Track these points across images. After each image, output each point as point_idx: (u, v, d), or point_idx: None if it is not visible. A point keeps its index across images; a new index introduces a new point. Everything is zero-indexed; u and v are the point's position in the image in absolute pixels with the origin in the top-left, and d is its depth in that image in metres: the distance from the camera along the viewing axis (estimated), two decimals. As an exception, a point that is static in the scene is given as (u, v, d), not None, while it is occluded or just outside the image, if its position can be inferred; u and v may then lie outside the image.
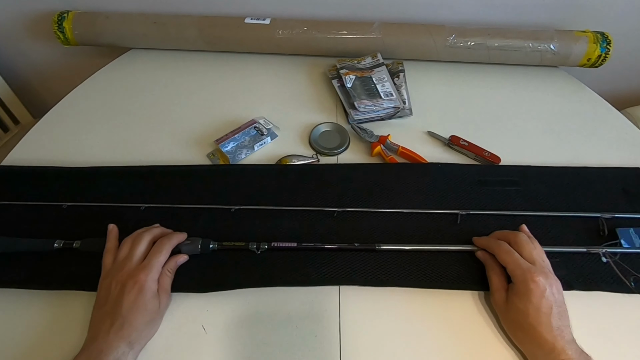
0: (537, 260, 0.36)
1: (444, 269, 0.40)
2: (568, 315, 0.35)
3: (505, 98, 0.62)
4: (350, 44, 0.66)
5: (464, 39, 0.64)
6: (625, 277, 0.39)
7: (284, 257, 0.41)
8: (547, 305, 0.33)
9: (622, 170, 0.50)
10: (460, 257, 0.41)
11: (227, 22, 0.67)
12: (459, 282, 0.39)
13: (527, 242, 0.38)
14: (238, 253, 0.40)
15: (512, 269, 0.36)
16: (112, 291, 0.34)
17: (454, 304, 0.39)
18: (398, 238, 0.43)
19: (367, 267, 0.40)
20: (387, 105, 0.57)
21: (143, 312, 0.34)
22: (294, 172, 0.49)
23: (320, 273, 0.39)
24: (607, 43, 0.62)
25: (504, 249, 0.37)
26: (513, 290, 0.35)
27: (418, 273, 0.40)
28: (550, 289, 0.34)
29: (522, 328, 0.34)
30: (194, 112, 0.59)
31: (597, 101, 0.61)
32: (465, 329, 0.37)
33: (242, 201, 0.45)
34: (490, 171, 0.50)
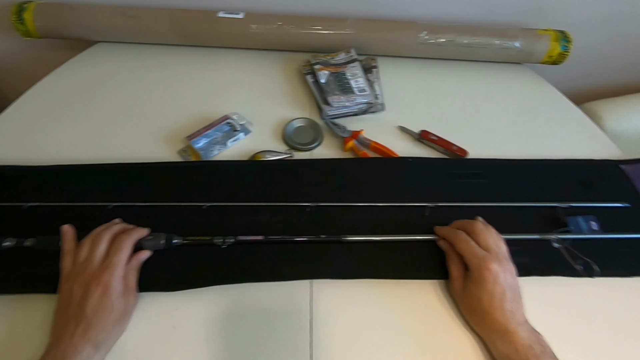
0: (491, 248, 0.38)
1: (410, 259, 0.42)
2: (521, 298, 0.37)
3: (473, 93, 0.64)
4: (324, 40, 0.66)
5: (435, 36, 0.65)
6: (574, 262, 0.41)
7: (251, 252, 0.41)
8: (500, 291, 0.35)
9: (578, 162, 0.53)
10: (426, 247, 0.43)
11: (199, 16, 0.66)
12: (424, 271, 0.41)
13: (483, 230, 0.39)
14: (205, 248, 0.40)
15: (467, 257, 0.38)
16: (74, 294, 0.33)
17: (420, 293, 0.40)
18: (369, 231, 0.43)
19: (337, 260, 0.41)
20: (360, 100, 0.58)
21: (109, 313, 0.33)
22: (267, 168, 0.49)
23: (289, 267, 0.40)
24: (567, 41, 0.65)
25: (461, 238, 0.39)
26: (469, 278, 0.37)
27: (386, 264, 0.41)
28: (503, 274, 0.36)
29: (478, 313, 0.36)
30: (165, 108, 0.58)
31: (558, 97, 0.64)
32: (430, 317, 0.39)
33: (214, 198, 0.45)
34: (458, 165, 0.52)
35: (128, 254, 0.37)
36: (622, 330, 0.39)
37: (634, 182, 0.51)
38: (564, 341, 0.35)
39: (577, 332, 0.39)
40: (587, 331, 0.39)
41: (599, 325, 0.39)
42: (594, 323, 0.40)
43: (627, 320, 0.40)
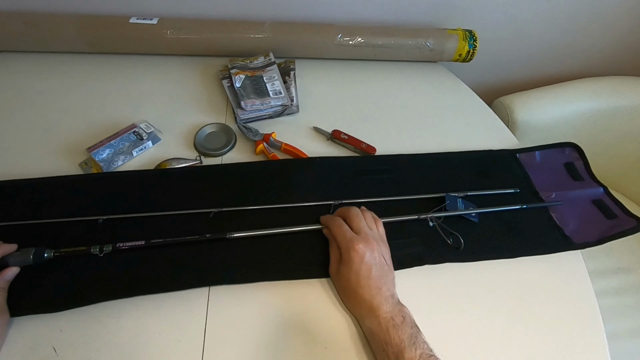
0: (362, 230, 0.39)
1: (303, 256, 0.42)
2: (390, 275, 0.39)
3: (387, 92, 0.66)
4: (242, 44, 0.66)
5: (351, 37, 0.67)
6: (447, 237, 0.44)
7: (137, 262, 0.40)
8: (366, 269, 0.37)
9: (478, 153, 0.56)
10: (318, 242, 0.43)
11: (110, 22, 0.64)
12: (314, 269, 0.42)
13: (356, 214, 0.41)
14: (84, 261, 0.39)
15: (339, 240, 0.39)
16: None
17: (312, 288, 0.41)
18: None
19: (230, 265, 0.41)
20: (274, 103, 0.58)
21: None
22: (172, 176, 0.48)
23: (180, 276, 0.39)
24: (474, 40, 0.69)
25: (336, 222, 0.41)
26: (341, 261, 0.39)
27: (278, 264, 0.41)
28: (371, 253, 0.37)
29: (348, 293, 0.38)
30: (70, 119, 0.55)
31: (468, 93, 0.68)
32: (317, 309, 0.40)
33: (114, 210, 0.43)
34: (366, 161, 0.53)
35: None
36: (489, 305, 0.42)
37: (527, 169, 0.55)
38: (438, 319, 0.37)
39: (450, 311, 0.41)
40: (458, 309, 0.42)
41: (467, 304, 0.42)
42: (463, 302, 0.42)
43: (495, 298, 0.43)
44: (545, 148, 0.58)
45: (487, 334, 0.40)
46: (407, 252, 0.44)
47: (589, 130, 0.78)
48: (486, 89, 0.76)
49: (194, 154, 0.53)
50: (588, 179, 0.55)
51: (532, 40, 0.79)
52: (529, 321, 0.41)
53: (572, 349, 0.40)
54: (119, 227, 0.43)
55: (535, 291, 0.44)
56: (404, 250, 0.44)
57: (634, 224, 0.49)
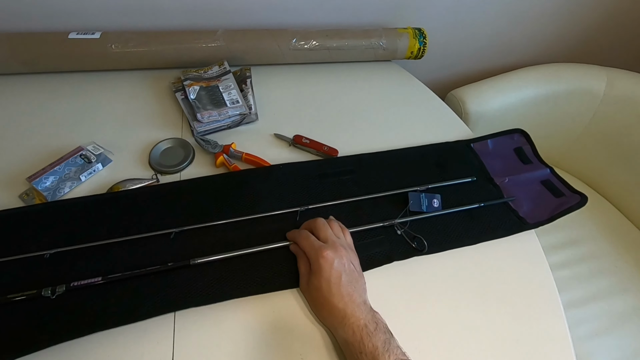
0: (329, 239, 0.40)
1: (272, 270, 0.41)
2: (361, 281, 0.39)
3: (345, 93, 0.67)
4: (195, 54, 0.64)
5: (305, 41, 0.67)
6: (411, 241, 0.46)
7: (95, 297, 0.37)
8: (336, 276, 0.37)
9: (435, 146, 0.58)
10: (285, 256, 0.43)
11: (46, 39, 0.59)
12: (282, 280, 0.41)
13: (323, 224, 0.41)
14: (34, 304, 0.36)
15: (307, 251, 0.39)
16: None
17: (281, 302, 0.40)
18: (239, 247, 0.42)
19: (197, 286, 0.39)
20: (232, 113, 0.57)
21: None
22: (127, 199, 0.46)
23: (142, 305, 0.37)
24: (424, 37, 0.71)
25: (302, 235, 0.41)
26: (311, 272, 0.39)
27: (245, 281, 0.40)
28: (339, 260, 0.38)
29: (320, 303, 0.37)
30: (7, 146, 0.51)
31: (422, 89, 0.71)
32: (290, 324, 0.39)
33: (62, 242, 0.40)
34: (329, 164, 0.54)
35: None
36: (458, 295, 0.44)
37: (481, 158, 0.58)
38: (408, 317, 0.38)
39: (420, 307, 0.42)
40: (428, 303, 0.43)
41: (437, 296, 0.43)
42: (433, 294, 0.43)
43: (464, 285, 0.45)
44: (496, 136, 0.61)
45: (455, 321, 0.42)
46: (374, 251, 0.45)
47: (533, 115, 0.83)
48: (439, 84, 0.80)
49: (150, 173, 0.50)
50: (536, 161, 0.59)
51: (477, 36, 0.84)
52: (492, 301, 0.44)
53: (534, 322, 0.42)
54: (69, 259, 0.40)
55: (497, 273, 0.46)
56: (372, 250, 0.45)
57: (579, 200, 0.53)
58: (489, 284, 0.45)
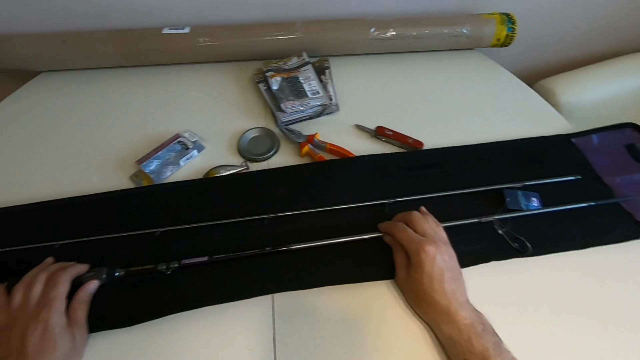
0: (427, 233, 0.39)
1: (366, 260, 0.41)
2: (462, 280, 0.37)
3: (427, 84, 0.64)
4: (275, 46, 0.66)
5: (384, 31, 0.66)
6: (512, 241, 0.42)
7: (201, 275, 0.40)
8: (439, 272, 0.36)
9: (531, 141, 0.53)
10: (380, 246, 0.42)
11: (143, 35, 0.64)
12: (377, 271, 0.41)
13: (419, 217, 0.40)
14: (151, 278, 0.39)
15: (406, 244, 0.38)
16: (11, 344, 0.31)
17: (376, 292, 0.40)
18: (331, 235, 0.43)
19: (292, 271, 0.40)
20: (314, 103, 0.58)
21: (54, 350, 0.32)
22: (221, 184, 0.48)
23: (244, 285, 0.39)
24: (512, 23, 0.66)
25: (399, 227, 0.40)
26: (411, 265, 0.38)
27: (340, 269, 0.40)
28: (441, 256, 0.36)
29: (420, 297, 0.36)
30: (114, 133, 0.56)
31: (510, 78, 0.65)
32: (385, 315, 0.38)
33: (169, 222, 0.44)
34: (414, 157, 0.52)
35: (66, 289, 0.35)
36: (562, 304, 0.40)
37: (585, 154, 0.52)
38: (509, 322, 0.36)
39: (521, 313, 0.39)
40: (530, 310, 0.39)
41: (540, 303, 0.40)
42: (536, 301, 0.40)
43: (569, 294, 0.40)
44: (603, 130, 0.55)
45: (558, 336, 0.38)
46: (469, 249, 0.42)
47: (638, 108, 0.74)
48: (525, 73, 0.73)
49: (239, 160, 0.52)
50: (653, 160, 0.52)
51: (572, 20, 0.75)
52: (601, 317, 0.39)
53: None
54: (174, 239, 0.43)
55: (607, 283, 0.41)
56: (467, 248, 0.42)
57: None
58: (597, 296, 0.40)
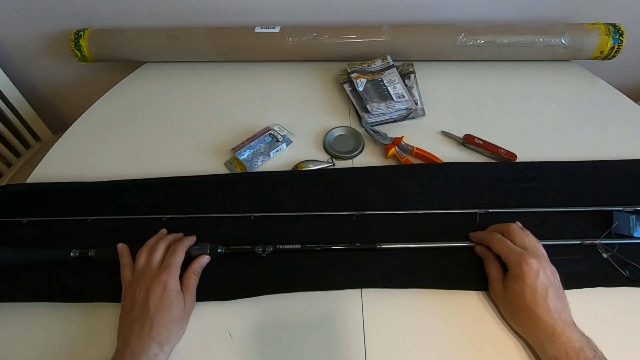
0: (529, 246, 0.37)
1: (455, 268, 0.40)
2: (566, 300, 0.35)
3: (518, 94, 0.61)
4: (360, 48, 0.67)
5: (473, 38, 0.64)
6: (621, 267, 0.39)
7: (294, 261, 0.41)
8: (543, 287, 0.34)
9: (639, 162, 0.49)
10: (470, 256, 0.41)
11: (237, 32, 0.69)
12: (468, 281, 0.40)
13: (519, 231, 0.39)
14: (248, 257, 0.41)
15: (505, 255, 0.37)
16: (137, 297, 0.36)
17: (467, 301, 0.39)
18: (418, 239, 0.42)
19: (380, 268, 0.40)
20: (399, 107, 0.58)
21: (170, 310, 0.35)
22: (310, 178, 0.50)
23: (333, 276, 0.40)
24: (620, 34, 0.61)
25: (496, 238, 0.39)
26: (509, 276, 0.36)
27: (431, 273, 0.40)
28: (544, 271, 0.35)
29: (521, 311, 0.35)
30: (209, 122, 0.60)
31: (612, 93, 0.60)
32: (478, 326, 0.37)
33: (262, 208, 0.46)
34: (507, 168, 0.50)
35: (182, 258, 0.39)
36: None
37: None
38: (618, 357, 0.33)
39: (631, 347, 0.36)
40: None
41: None
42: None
43: None
44: None
45: None
46: (572, 270, 0.40)
47: None
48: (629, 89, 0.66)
49: (324, 156, 0.54)
50: None
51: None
52: None
53: None
54: (266, 224, 0.45)
55: None
56: (568, 269, 0.40)
57: None
58: None
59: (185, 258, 0.40)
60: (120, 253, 0.41)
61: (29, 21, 0.74)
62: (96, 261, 0.42)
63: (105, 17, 0.73)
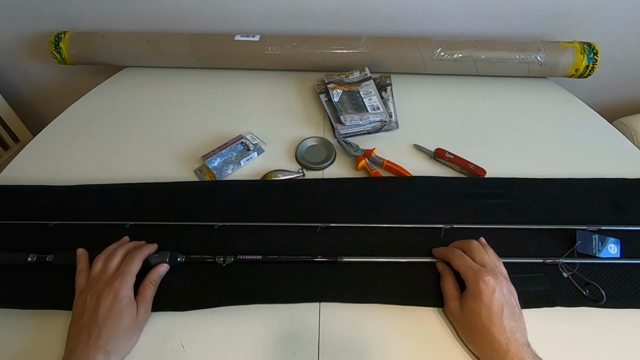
0: (487, 264, 0.37)
1: (416, 284, 0.40)
2: (522, 319, 0.35)
3: (492, 110, 0.62)
4: (338, 59, 0.67)
5: (450, 52, 0.64)
6: (582, 286, 0.39)
7: (254, 272, 0.41)
8: (498, 305, 0.34)
9: (610, 181, 0.49)
10: (431, 272, 0.41)
11: (218, 40, 0.69)
12: (427, 297, 0.39)
13: (479, 247, 0.39)
14: (208, 267, 0.41)
15: (464, 272, 0.37)
16: (87, 304, 0.35)
17: (425, 318, 0.38)
18: (380, 252, 0.42)
19: (341, 282, 0.40)
20: (373, 119, 0.58)
21: (119, 319, 0.34)
22: (279, 187, 0.49)
23: (292, 289, 0.39)
24: (594, 53, 0.62)
25: (457, 254, 0.38)
26: (467, 294, 0.36)
27: (391, 289, 0.39)
28: (500, 289, 0.35)
29: (477, 330, 0.34)
30: (184, 128, 0.60)
31: (586, 112, 0.61)
32: (435, 344, 0.37)
33: (227, 217, 0.45)
34: (476, 184, 0.49)
35: (139, 266, 0.38)
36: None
37: (677, 204, 0.47)
38: None
39: None
40: None
41: None
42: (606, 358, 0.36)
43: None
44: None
45: None
46: (532, 289, 0.39)
47: None
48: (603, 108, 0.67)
49: (296, 167, 0.54)
50: None
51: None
52: None
53: None
54: (230, 234, 0.44)
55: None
56: (529, 287, 0.39)
57: None
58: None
59: (144, 266, 0.39)
60: (78, 259, 0.40)
61: (10, 22, 0.74)
62: (55, 267, 0.41)
63: (87, 20, 0.73)
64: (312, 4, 0.68)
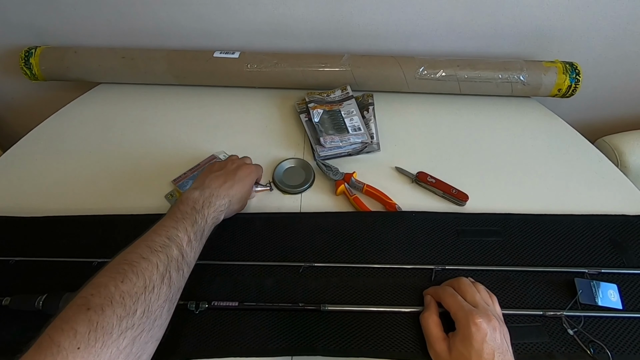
0: (479, 304, 0.35)
1: (403, 335, 0.37)
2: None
3: (476, 130, 0.60)
4: (320, 77, 0.65)
5: (433, 71, 0.63)
6: (585, 344, 0.36)
7: (229, 320, 0.37)
8: (488, 351, 0.31)
9: (609, 218, 0.47)
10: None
11: (196, 56, 0.67)
12: (419, 351, 0.36)
13: (469, 285, 0.37)
14: (179, 314, 0.37)
15: (454, 311, 0.35)
16: (228, 166, 0.43)
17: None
18: (367, 296, 0.39)
19: (325, 334, 0.37)
20: (354, 140, 0.56)
21: (247, 187, 0.43)
22: (257, 221, 0.46)
23: (270, 340, 0.36)
24: (577, 73, 0.61)
25: (448, 292, 0.36)
26: (456, 337, 0.33)
27: (377, 339, 0.37)
28: (492, 333, 0.32)
29: None
30: (156, 148, 0.57)
31: (571, 133, 0.60)
32: None
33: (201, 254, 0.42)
34: (469, 220, 0.47)
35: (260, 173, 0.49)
36: None
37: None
38: None
39: None
40: None
41: None
42: None
43: None
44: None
45: None
46: (528, 341, 0.37)
47: None
48: (586, 127, 0.67)
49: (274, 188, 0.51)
50: None
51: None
52: None
53: None
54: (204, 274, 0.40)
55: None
56: (526, 339, 0.37)
57: None
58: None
59: None
60: None
61: (-20, 36, 0.71)
62: (10, 312, 0.37)
63: (60, 34, 0.70)
64: (293, 21, 0.66)
